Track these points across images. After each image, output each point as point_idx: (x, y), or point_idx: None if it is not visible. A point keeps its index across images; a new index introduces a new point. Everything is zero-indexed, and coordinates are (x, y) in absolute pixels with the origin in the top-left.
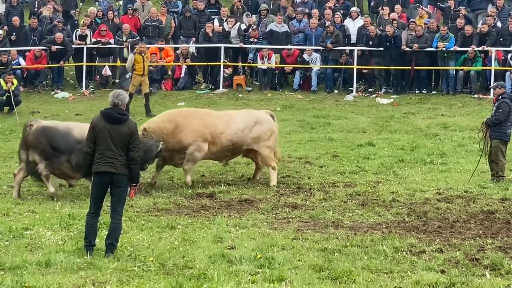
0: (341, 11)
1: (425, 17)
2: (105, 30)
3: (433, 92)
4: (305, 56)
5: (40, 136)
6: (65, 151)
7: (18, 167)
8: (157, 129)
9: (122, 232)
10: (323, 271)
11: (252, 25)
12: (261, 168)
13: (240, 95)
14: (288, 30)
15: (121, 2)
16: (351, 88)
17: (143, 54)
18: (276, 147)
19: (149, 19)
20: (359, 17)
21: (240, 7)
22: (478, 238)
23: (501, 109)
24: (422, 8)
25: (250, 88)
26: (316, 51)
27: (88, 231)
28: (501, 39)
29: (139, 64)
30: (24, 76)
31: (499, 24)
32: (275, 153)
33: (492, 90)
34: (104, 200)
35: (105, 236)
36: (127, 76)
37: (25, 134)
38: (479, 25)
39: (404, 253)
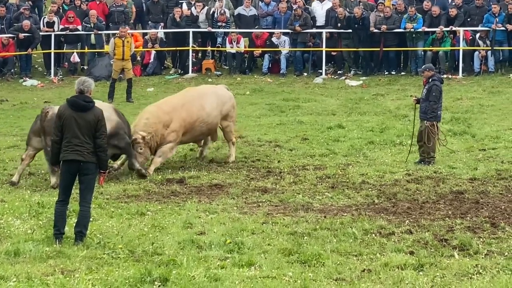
0: None
1: None
2: (72, 17)
3: (402, 73)
4: (273, 39)
5: None
6: None
7: (25, 152)
8: (154, 131)
9: (91, 219)
10: (292, 255)
11: (220, 9)
12: (209, 144)
13: (210, 80)
14: (257, 14)
15: None
16: (320, 71)
17: (123, 38)
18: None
19: (114, 4)
20: None
21: None
22: (447, 218)
23: (433, 92)
24: None
25: (220, 72)
26: (284, 34)
27: (57, 219)
28: (468, 19)
29: (119, 48)
30: None
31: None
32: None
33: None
34: (73, 188)
35: (74, 224)
36: (97, 62)
37: (41, 121)
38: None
39: (373, 235)
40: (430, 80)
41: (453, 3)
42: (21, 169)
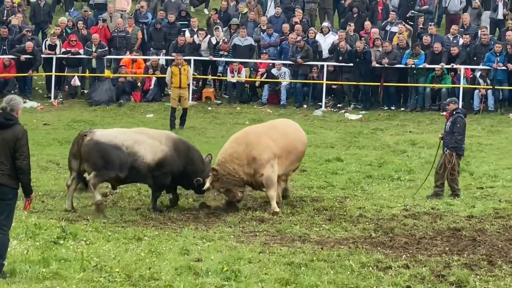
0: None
1: (404, 34)
2: (74, 40)
3: (402, 108)
4: (273, 70)
5: (93, 150)
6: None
7: (70, 178)
8: (227, 157)
9: (88, 242)
10: (289, 285)
11: (223, 38)
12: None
13: (209, 108)
14: (252, 43)
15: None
16: (320, 103)
17: (179, 66)
18: None
19: (116, 30)
20: (330, 32)
21: (217, 20)
22: (444, 254)
23: (458, 124)
24: (404, 25)
25: (219, 101)
26: (285, 65)
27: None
28: (475, 58)
29: (176, 76)
30: None
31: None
32: None
33: (446, 106)
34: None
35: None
36: (97, 86)
37: (78, 145)
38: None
39: (370, 268)
40: (454, 112)
41: (455, 41)
42: (70, 196)
